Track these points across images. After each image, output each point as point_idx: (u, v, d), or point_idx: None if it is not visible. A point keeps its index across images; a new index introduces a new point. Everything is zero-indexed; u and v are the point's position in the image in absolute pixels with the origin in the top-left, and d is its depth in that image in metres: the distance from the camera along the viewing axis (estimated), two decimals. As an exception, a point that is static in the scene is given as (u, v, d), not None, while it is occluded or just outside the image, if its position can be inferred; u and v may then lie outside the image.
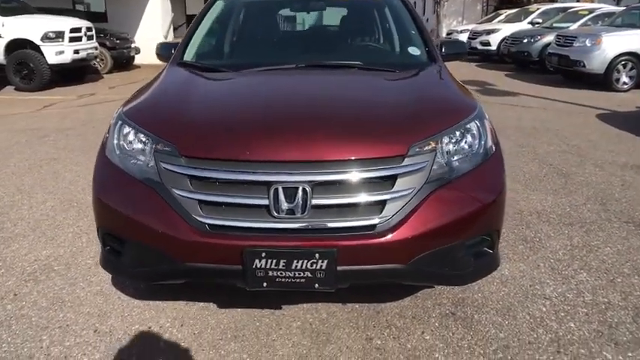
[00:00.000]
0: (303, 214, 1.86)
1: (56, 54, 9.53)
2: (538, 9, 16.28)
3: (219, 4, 3.67)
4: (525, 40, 13.15)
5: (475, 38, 16.18)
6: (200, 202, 1.90)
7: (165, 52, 3.23)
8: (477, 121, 2.25)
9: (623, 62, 9.63)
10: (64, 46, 9.62)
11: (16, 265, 2.95)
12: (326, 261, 1.84)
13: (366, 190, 1.90)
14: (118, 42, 12.47)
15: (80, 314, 2.45)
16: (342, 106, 2.33)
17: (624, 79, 9.73)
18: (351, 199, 1.89)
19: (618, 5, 16.90)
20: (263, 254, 1.84)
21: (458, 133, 2.16)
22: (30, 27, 9.53)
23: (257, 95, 2.52)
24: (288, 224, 1.87)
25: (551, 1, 20.61)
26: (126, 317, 2.43)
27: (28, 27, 9.52)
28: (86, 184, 4.23)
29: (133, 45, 13.27)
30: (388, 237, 1.87)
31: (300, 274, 1.86)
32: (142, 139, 2.10)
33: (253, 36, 3.63)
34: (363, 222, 1.88)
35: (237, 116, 2.25)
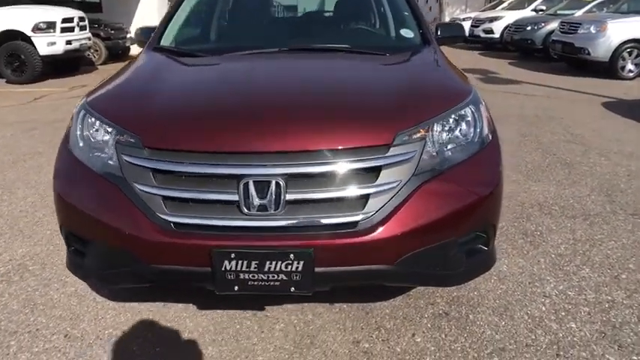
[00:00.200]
0: (276, 210, 1.70)
1: (48, 45, 9.32)
2: (541, -4, 15.99)
3: None
4: (529, 27, 12.91)
5: (478, 26, 15.90)
6: (164, 198, 1.74)
7: (146, 37, 3.06)
8: (471, 107, 2.08)
9: (628, 49, 9.40)
10: (55, 37, 9.40)
11: (-10, 264, 2.82)
12: (302, 262, 1.69)
13: (346, 183, 1.74)
14: (113, 32, 12.25)
15: (52, 318, 2.32)
16: (323, 92, 2.16)
17: (630, 66, 9.49)
18: (330, 194, 1.73)
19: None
20: (232, 255, 1.68)
21: (451, 119, 1.98)
22: (20, 18, 9.32)
23: (231, 81, 2.35)
24: (260, 222, 1.71)
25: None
26: (99, 321, 2.30)
27: (19, 18, 9.31)
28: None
29: (128, 35, 13.03)
30: (372, 235, 1.71)
31: (274, 277, 1.71)
32: (104, 130, 1.93)
33: (235, 19, 3.45)
34: (343, 219, 1.72)
35: (206, 104, 2.08)
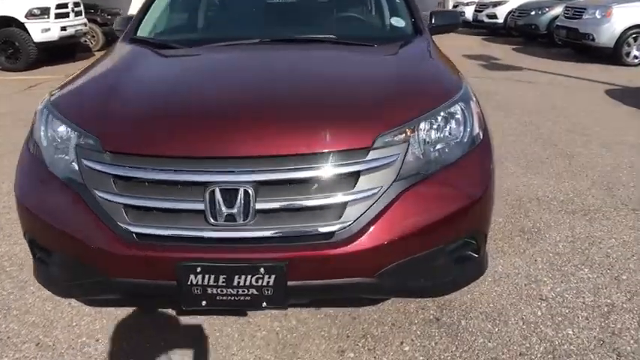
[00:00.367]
0: (245, 220, 1.57)
1: (42, 31, 9.16)
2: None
3: None
4: (533, 12, 12.65)
5: (481, 11, 15.58)
6: (126, 206, 1.62)
7: (125, 28, 2.91)
8: (461, 104, 1.93)
9: (634, 35, 9.17)
10: (49, 23, 9.24)
11: (-33, 265, 2.73)
12: (273, 276, 1.57)
13: (321, 190, 1.61)
14: (110, 18, 12.04)
15: (24, 324, 2.22)
16: (299, 90, 2.01)
17: (635, 52, 9.28)
18: (304, 202, 1.60)
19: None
20: (198, 269, 1.56)
21: (439, 118, 1.84)
22: (14, 4, 9.14)
23: (201, 78, 2.20)
24: (228, 233, 1.58)
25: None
26: (73, 328, 2.20)
27: (12, 4, 9.14)
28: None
29: (125, 21, 12.85)
30: (349, 246, 1.58)
31: (244, 292, 1.59)
32: (67, 132, 1.80)
33: (217, 6, 3.29)
34: (318, 229, 1.59)
35: (171, 103, 1.93)
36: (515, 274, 2.60)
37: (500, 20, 14.82)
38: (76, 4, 10.12)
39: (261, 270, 1.56)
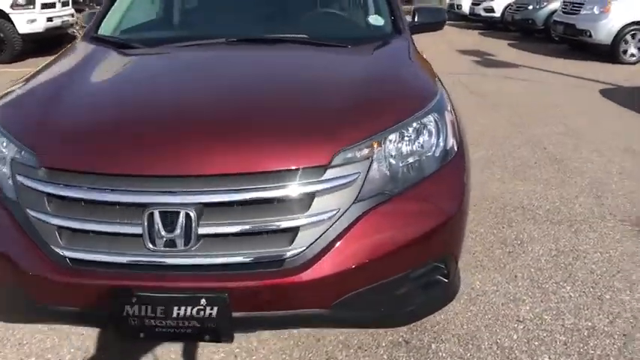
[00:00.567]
0: (186, 246, 1.43)
1: (27, 22, 8.92)
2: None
3: None
4: (530, 6, 12.48)
5: (478, 4, 15.40)
6: (59, 228, 1.49)
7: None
8: (434, 115, 1.77)
9: (632, 32, 9.01)
10: (35, 13, 9.00)
11: None
12: (216, 308, 1.43)
13: (271, 213, 1.47)
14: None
15: (-30, 343, 2.11)
16: (254, 100, 1.84)
17: (632, 50, 9.14)
18: (251, 226, 1.46)
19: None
20: (134, 299, 1.43)
21: (410, 129, 1.70)
22: (-2, -6, 8.94)
23: (150, 86, 2.04)
24: (167, 259, 1.45)
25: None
26: (23, 346, 2.08)
27: (-4, -7, 8.94)
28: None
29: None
30: (301, 275, 1.45)
31: (184, 324, 1.46)
32: (3, 144, 1.66)
33: (186, 3, 3.12)
34: (266, 255, 1.46)
35: (113, 114, 1.78)
36: (493, 292, 2.48)
37: (498, 14, 14.65)
38: (63, -6, 9.91)
39: (202, 301, 1.43)
